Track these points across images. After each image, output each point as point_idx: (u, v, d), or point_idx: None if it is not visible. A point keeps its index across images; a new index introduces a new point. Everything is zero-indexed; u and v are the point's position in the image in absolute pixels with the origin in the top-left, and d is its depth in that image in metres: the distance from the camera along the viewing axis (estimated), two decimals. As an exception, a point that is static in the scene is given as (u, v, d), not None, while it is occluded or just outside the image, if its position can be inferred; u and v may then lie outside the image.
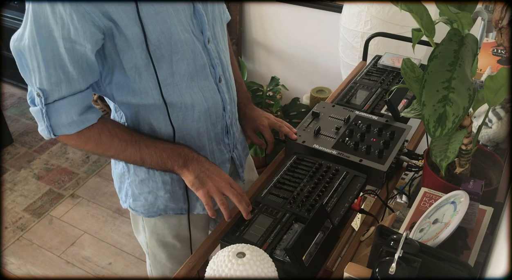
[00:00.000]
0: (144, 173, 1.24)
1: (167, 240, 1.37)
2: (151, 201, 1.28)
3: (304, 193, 1.19)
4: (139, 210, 1.31)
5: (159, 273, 1.47)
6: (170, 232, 1.35)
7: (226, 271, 0.83)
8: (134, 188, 1.28)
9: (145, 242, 1.41)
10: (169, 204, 1.28)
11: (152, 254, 1.43)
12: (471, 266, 0.83)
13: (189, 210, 1.30)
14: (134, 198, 1.29)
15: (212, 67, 1.18)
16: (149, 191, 1.26)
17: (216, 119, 1.22)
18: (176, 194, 1.27)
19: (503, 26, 1.19)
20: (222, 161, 1.31)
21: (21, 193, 2.74)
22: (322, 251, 1.05)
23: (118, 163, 1.29)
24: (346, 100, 1.56)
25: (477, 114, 1.30)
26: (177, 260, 1.42)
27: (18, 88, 3.63)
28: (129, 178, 1.27)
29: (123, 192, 1.32)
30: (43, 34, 0.98)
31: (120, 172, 1.29)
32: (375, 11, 2.02)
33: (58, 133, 1.06)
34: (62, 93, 1.02)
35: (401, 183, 1.55)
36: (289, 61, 2.88)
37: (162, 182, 1.25)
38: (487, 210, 1.04)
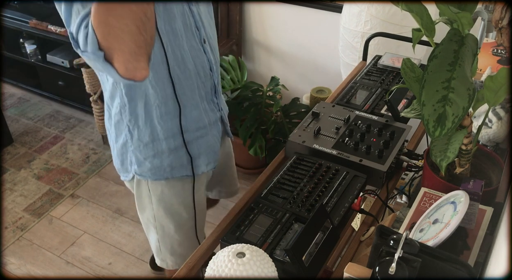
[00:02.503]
0: (148, 136, 1.31)
1: (174, 208, 1.44)
2: (157, 164, 1.34)
3: (304, 193, 1.19)
4: (146, 174, 1.36)
5: (168, 246, 1.52)
6: (177, 199, 1.42)
7: (226, 271, 0.83)
8: (138, 153, 1.33)
9: (152, 215, 1.45)
10: (174, 164, 1.35)
11: (160, 226, 1.47)
12: (471, 266, 0.83)
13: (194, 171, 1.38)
14: (139, 164, 1.35)
15: (196, 28, 1.25)
16: (154, 154, 1.33)
17: (205, 78, 1.31)
18: (179, 153, 1.34)
19: (503, 26, 1.19)
20: (215, 119, 1.41)
21: (21, 193, 2.74)
22: (322, 251, 1.05)
23: (119, 135, 1.34)
24: (346, 100, 1.56)
25: (477, 114, 1.30)
26: (184, 231, 1.49)
27: (18, 88, 3.63)
28: (132, 145, 1.33)
29: (127, 161, 1.37)
30: None
31: (122, 142, 1.34)
32: (375, 11, 2.02)
33: None
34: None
35: (401, 183, 1.55)
36: (289, 61, 2.88)
37: (166, 144, 1.32)
38: (487, 210, 1.04)
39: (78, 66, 2.69)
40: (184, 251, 1.54)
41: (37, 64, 3.34)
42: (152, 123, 1.29)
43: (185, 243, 1.52)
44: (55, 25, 3.05)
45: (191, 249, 1.52)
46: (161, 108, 1.27)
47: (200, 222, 1.56)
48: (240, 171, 2.85)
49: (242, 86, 2.65)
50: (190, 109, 1.31)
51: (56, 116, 3.36)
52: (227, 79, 2.67)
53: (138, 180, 1.40)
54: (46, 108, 3.45)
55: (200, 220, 1.56)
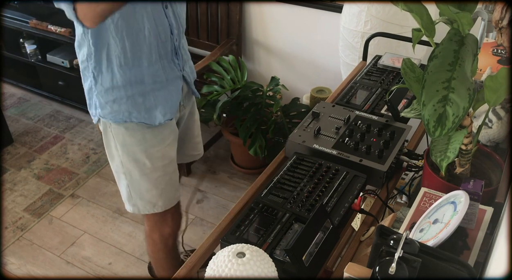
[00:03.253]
0: (108, 82, 1.43)
1: (137, 157, 1.54)
2: (116, 108, 1.46)
3: (304, 193, 1.19)
4: (107, 117, 1.48)
5: (137, 191, 1.61)
6: (138, 147, 1.53)
7: (226, 271, 0.83)
8: (101, 98, 1.46)
9: (120, 161, 1.57)
10: (131, 110, 1.47)
11: (128, 171, 1.58)
12: (471, 266, 0.83)
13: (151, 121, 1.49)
14: (101, 107, 1.48)
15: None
16: (113, 99, 1.45)
17: (165, 39, 1.44)
18: (136, 101, 1.46)
19: (503, 26, 1.19)
20: (174, 76, 1.51)
21: (21, 193, 2.73)
22: (322, 251, 1.05)
23: (86, 80, 1.48)
24: (346, 100, 1.56)
25: (477, 114, 1.30)
26: (151, 180, 1.59)
27: (18, 88, 3.63)
28: (96, 90, 1.46)
29: (93, 105, 1.51)
30: None
31: (89, 87, 1.49)
32: (375, 11, 2.02)
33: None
34: None
35: (401, 183, 1.56)
36: (289, 61, 2.88)
37: (124, 91, 1.44)
38: (487, 210, 1.04)
39: (78, 66, 2.68)
40: (153, 199, 1.63)
41: (37, 64, 3.34)
42: (113, 70, 1.42)
43: (153, 191, 1.61)
44: (55, 25, 3.05)
45: (160, 199, 1.64)
46: (120, 58, 1.40)
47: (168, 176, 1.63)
48: (240, 171, 2.85)
49: (242, 86, 2.65)
50: (147, 64, 1.43)
51: (56, 116, 3.36)
52: (227, 79, 2.67)
53: (103, 122, 1.52)
54: (46, 108, 3.45)
55: (169, 175, 1.63)
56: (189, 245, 2.39)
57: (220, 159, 2.97)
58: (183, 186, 2.74)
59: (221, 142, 3.09)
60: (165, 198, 1.65)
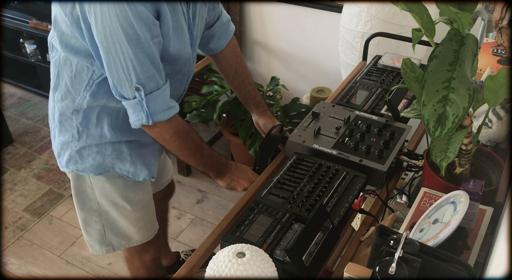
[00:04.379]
0: (95, 140, 1.35)
1: (116, 201, 1.47)
2: (99, 160, 1.38)
3: (304, 193, 1.19)
4: (87, 170, 1.39)
5: (112, 230, 1.53)
6: (118, 193, 1.45)
7: (226, 271, 0.83)
8: (83, 151, 1.37)
9: (96, 202, 1.46)
10: (116, 162, 1.39)
11: (104, 212, 1.49)
12: (471, 266, 0.83)
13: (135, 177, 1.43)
14: (82, 161, 1.38)
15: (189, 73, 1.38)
16: (97, 151, 1.37)
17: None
18: (123, 154, 1.39)
19: (503, 26, 1.19)
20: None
21: (21, 193, 2.74)
22: (322, 251, 1.05)
23: (63, 132, 1.36)
24: (346, 100, 1.56)
25: (477, 114, 1.30)
26: (129, 220, 1.52)
27: (18, 88, 3.63)
28: (77, 145, 1.36)
29: (66, 157, 1.39)
30: (133, 40, 1.09)
31: (66, 140, 1.36)
32: (375, 11, 2.02)
33: (156, 119, 1.20)
34: (156, 84, 1.18)
35: (401, 183, 1.56)
36: (289, 61, 2.88)
37: (111, 147, 1.37)
38: (487, 210, 1.04)
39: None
40: (130, 234, 1.55)
41: (37, 64, 3.34)
42: (102, 129, 1.34)
43: (130, 228, 1.54)
44: (55, 25, 3.05)
45: (137, 234, 1.57)
46: (112, 117, 1.33)
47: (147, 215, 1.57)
48: (240, 171, 2.84)
49: (242, 86, 2.64)
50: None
51: (56, 116, 3.37)
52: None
53: (79, 175, 1.42)
54: (46, 108, 3.45)
55: (147, 213, 1.57)
56: (189, 245, 2.39)
57: (220, 159, 2.97)
58: (183, 185, 2.74)
59: (221, 142, 3.09)
60: (142, 233, 1.58)
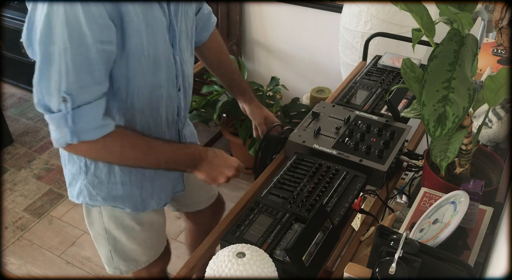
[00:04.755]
0: (104, 175, 1.27)
1: (126, 223, 1.41)
2: (109, 200, 1.33)
3: (304, 193, 1.19)
4: (96, 204, 1.35)
5: (120, 254, 1.47)
6: (127, 215, 1.39)
7: (226, 271, 0.83)
8: (91, 188, 1.29)
9: (103, 228, 1.41)
10: (126, 202, 1.34)
11: (112, 237, 1.43)
12: (471, 266, 0.83)
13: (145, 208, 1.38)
14: (90, 197, 1.31)
15: (176, 77, 1.24)
16: (107, 192, 1.30)
17: (172, 124, 1.31)
18: (134, 194, 1.33)
19: (503, 26, 1.19)
20: None
21: (21, 193, 2.73)
22: (322, 251, 1.05)
23: (72, 163, 1.28)
24: (346, 100, 1.56)
25: (477, 114, 1.30)
26: (137, 241, 1.45)
27: (18, 88, 3.63)
28: (85, 179, 1.28)
29: (76, 189, 1.32)
30: (75, 39, 0.96)
31: (75, 172, 1.29)
32: (375, 11, 2.02)
33: (82, 138, 1.03)
34: (88, 97, 1.02)
35: (401, 183, 1.56)
36: (289, 61, 2.88)
37: (122, 186, 1.30)
38: (487, 210, 1.04)
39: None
40: (137, 256, 1.49)
41: (37, 64, 3.34)
42: (111, 165, 1.26)
43: (138, 250, 1.48)
44: (55, 25, 3.05)
45: (144, 255, 1.50)
46: None
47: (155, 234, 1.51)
48: (240, 171, 2.84)
49: (242, 86, 2.64)
50: None
51: (56, 116, 3.36)
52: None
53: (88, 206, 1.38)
54: (46, 108, 3.45)
55: (156, 233, 1.51)
56: (189, 245, 2.39)
57: (220, 159, 2.97)
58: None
59: (221, 142, 3.09)
60: (148, 253, 1.51)
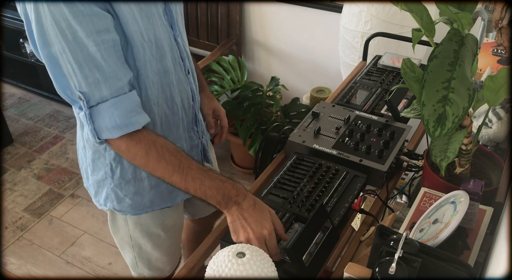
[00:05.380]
0: (130, 174, 1.26)
1: (152, 230, 1.41)
2: (137, 200, 1.31)
3: (304, 193, 1.19)
4: (125, 210, 1.32)
5: (145, 262, 1.48)
6: (154, 222, 1.39)
7: (226, 271, 0.83)
8: (119, 191, 1.28)
9: (128, 235, 1.41)
10: (154, 199, 1.33)
11: (137, 245, 1.43)
12: (471, 266, 0.83)
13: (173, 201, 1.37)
14: (118, 201, 1.30)
15: (182, 60, 1.24)
16: (135, 191, 1.29)
17: (188, 109, 1.30)
18: (160, 189, 1.32)
19: (503, 26, 1.19)
20: (192, 146, 1.37)
21: (21, 193, 2.74)
22: (322, 251, 1.05)
23: (97, 170, 1.28)
24: (346, 100, 1.56)
25: (477, 114, 1.30)
26: (163, 249, 1.47)
27: (18, 88, 3.63)
28: (112, 182, 1.27)
29: (103, 196, 1.31)
30: (68, 37, 0.95)
31: (101, 178, 1.28)
32: (375, 11, 2.02)
33: (102, 137, 1.04)
34: (103, 94, 1.01)
35: (401, 183, 1.55)
36: (289, 61, 2.88)
37: (148, 181, 1.29)
38: (487, 210, 1.04)
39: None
40: (162, 265, 1.52)
41: (37, 64, 3.34)
42: None
43: (163, 259, 1.50)
44: (55, 25, 3.05)
45: (169, 264, 1.53)
46: None
47: (177, 241, 1.54)
48: (240, 171, 2.85)
49: (242, 86, 2.65)
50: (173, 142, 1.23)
51: (56, 116, 3.36)
52: (227, 79, 2.67)
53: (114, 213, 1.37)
54: (46, 108, 3.45)
55: (178, 239, 1.54)
56: (189, 245, 2.39)
57: (220, 159, 2.97)
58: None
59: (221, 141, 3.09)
60: (173, 261, 1.55)
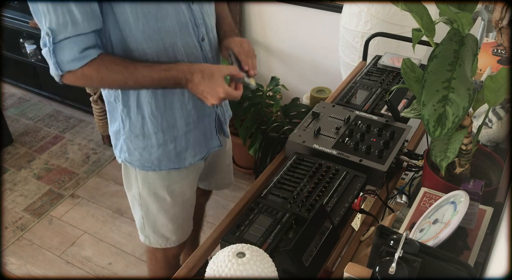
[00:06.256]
0: (138, 129, 1.36)
1: (158, 192, 1.47)
2: (146, 156, 1.40)
3: (304, 193, 1.19)
4: (134, 163, 1.42)
5: (151, 224, 1.55)
6: (161, 183, 1.45)
7: (226, 271, 0.83)
8: (130, 143, 1.39)
9: (138, 193, 1.49)
10: (161, 158, 1.40)
11: (144, 204, 1.51)
12: (471, 266, 0.83)
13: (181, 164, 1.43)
14: (129, 153, 1.41)
15: (195, 26, 1.29)
16: (143, 147, 1.38)
17: None
18: (167, 148, 1.39)
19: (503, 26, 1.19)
20: (203, 115, 1.42)
21: (21, 193, 2.74)
22: (322, 251, 1.05)
23: (113, 121, 1.40)
24: (346, 100, 1.56)
25: (477, 114, 1.30)
26: (168, 215, 1.52)
27: (18, 88, 3.63)
28: (124, 134, 1.38)
29: (118, 147, 1.43)
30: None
31: (116, 130, 1.41)
32: (375, 11, 2.02)
33: (64, 69, 1.17)
34: (67, 33, 1.14)
35: (401, 183, 1.55)
36: (289, 61, 2.88)
37: (155, 138, 1.37)
38: (487, 210, 1.04)
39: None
40: (167, 233, 1.57)
41: (37, 64, 3.34)
42: (144, 118, 1.34)
43: (168, 226, 1.55)
44: (55, 25, 3.05)
45: (175, 234, 1.58)
46: (151, 104, 1.31)
47: (186, 212, 1.58)
48: (240, 171, 2.85)
49: (242, 86, 2.64)
50: (180, 105, 1.34)
51: (56, 116, 3.36)
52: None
53: (128, 166, 1.46)
54: (46, 108, 3.45)
55: (186, 210, 1.58)
56: (189, 245, 2.39)
57: (220, 159, 2.97)
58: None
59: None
60: (179, 233, 1.59)
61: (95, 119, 2.94)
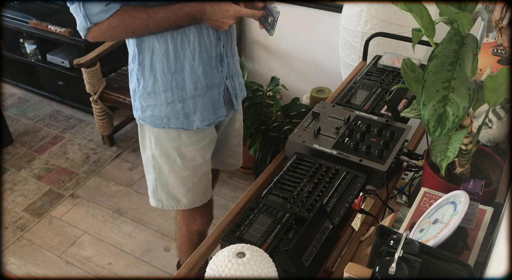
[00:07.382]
0: (150, 87, 1.45)
1: (169, 153, 1.55)
2: (156, 113, 1.49)
3: (304, 193, 1.19)
4: (146, 120, 1.52)
5: (163, 186, 1.62)
6: (171, 144, 1.54)
7: (226, 271, 0.83)
8: (143, 101, 1.50)
9: (151, 154, 1.58)
10: (170, 116, 1.48)
11: (157, 165, 1.59)
12: (471, 266, 0.83)
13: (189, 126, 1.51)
14: (142, 110, 1.51)
15: None
16: (154, 104, 1.48)
17: (210, 44, 1.42)
18: (176, 108, 1.47)
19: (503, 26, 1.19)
20: (212, 85, 1.48)
21: (21, 193, 2.74)
22: (322, 251, 1.05)
23: (132, 81, 1.51)
24: (346, 100, 1.56)
25: (477, 114, 1.30)
26: (179, 177, 1.59)
27: (18, 88, 3.63)
28: (138, 92, 1.49)
29: (135, 106, 1.55)
30: None
31: (133, 88, 1.52)
32: (375, 11, 2.02)
33: (92, 21, 1.30)
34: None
35: (401, 183, 1.56)
36: (289, 61, 2.88)
37: (165, 97, 1.46)
38: (487, 210, 1.04)
39: (78, 66, 2.68)
40: (178, 195, 1.63)
41: (37, 64, 3.34)
42: (155, 76, 1.43)
43: (179, 188, 1.61)
44: (55, 25, 3.05)
45: (185, 197, 1.63)
46: (163, 64, 1.40)
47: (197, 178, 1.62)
48: (240, 171, 2.85)
49: (242, 86, 2.64)
50: (190, 69, 1.42)
51: (56, 116, 3.36)
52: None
53: (141, 123, 1.56)
54: (46, 108, 3.45)
55: (198, 176, 1.62)
56: (189, 245, 2.39)
57: (220, 159, 2.98)
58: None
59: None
60: (191, 197, 1.64)
61: (95, 119, 2.94)
